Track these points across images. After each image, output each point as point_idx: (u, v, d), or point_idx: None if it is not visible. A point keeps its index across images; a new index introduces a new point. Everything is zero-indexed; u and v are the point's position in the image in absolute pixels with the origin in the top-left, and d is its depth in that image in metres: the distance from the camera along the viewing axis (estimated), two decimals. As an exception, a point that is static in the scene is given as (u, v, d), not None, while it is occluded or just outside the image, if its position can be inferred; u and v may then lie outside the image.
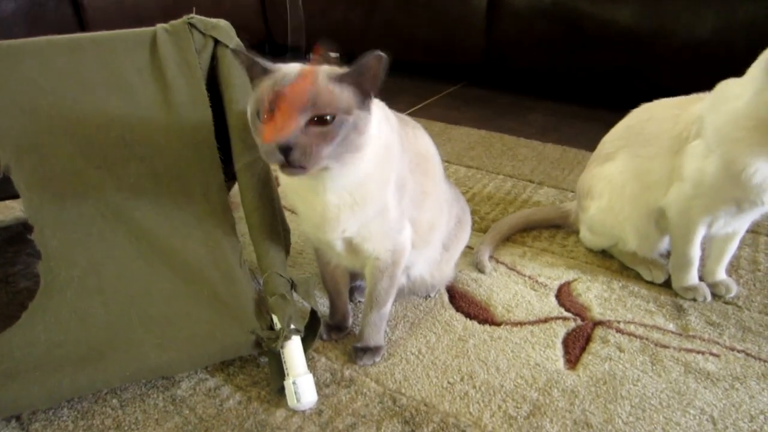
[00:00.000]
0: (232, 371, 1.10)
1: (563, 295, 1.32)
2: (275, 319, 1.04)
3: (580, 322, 1.24)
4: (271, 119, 0.84)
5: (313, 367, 1.10)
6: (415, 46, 2.83)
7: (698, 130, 1.19)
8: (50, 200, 1.06)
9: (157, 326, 1.03)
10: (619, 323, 1.23)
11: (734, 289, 1.31)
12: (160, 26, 1.14)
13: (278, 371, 1.03)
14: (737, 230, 1.30)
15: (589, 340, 1.18)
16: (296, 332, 1.03)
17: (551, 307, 1.28)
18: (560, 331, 1.21)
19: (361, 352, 1.13)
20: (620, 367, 1.11)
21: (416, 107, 2.66)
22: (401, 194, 1.04)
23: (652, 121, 1.32)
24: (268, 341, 1.02)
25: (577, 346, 1.16)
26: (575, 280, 1.38)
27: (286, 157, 0.83)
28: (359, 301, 1.31)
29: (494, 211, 1.71)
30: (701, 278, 1.34)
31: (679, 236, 1.29)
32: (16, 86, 1.06)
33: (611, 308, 1.28)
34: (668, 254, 1.38)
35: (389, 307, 1.15)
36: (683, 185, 1.22)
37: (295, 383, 1.00)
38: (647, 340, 1.18)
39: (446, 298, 1.32)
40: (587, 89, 2.63)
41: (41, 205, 1.05)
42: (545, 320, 1.24)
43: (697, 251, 1.29)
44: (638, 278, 1.39)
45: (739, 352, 1.15)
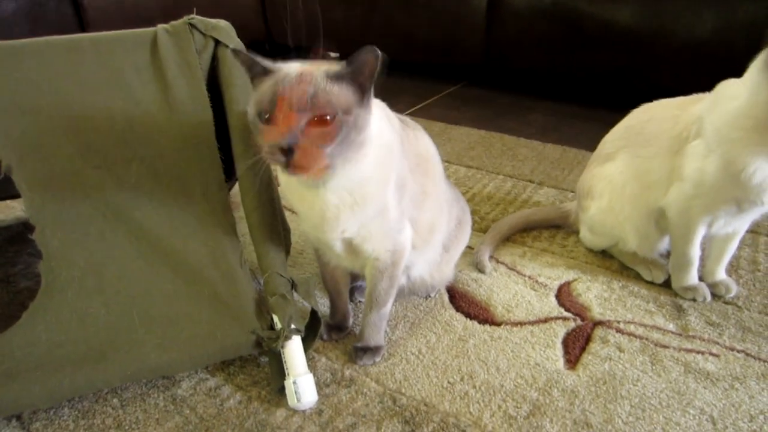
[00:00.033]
0: (232, 371, 1.11)
1: (563, 295, 1.33)
2: (276, 318, 1.05)
3: (580, 322, 1.24)
4: (272, 120, 0.85)
5: (313, 366, 1.11)
6: (415, 46, 2.83)
7: (698, 130, 1.19)
8: (51, 200, 1.06)
9: (157, 326, 1.03)
10: (619, 323, 1.23)
11: (734, 289, 1.31)
12: (160, 27, 1.14)
13: (279, 371, 1.03)
14: (737, 230, 1.30)
15: (589, 340, 1.19)
16: (297, 332, 1.03)
17: (551, 307, 1.29)
18: (560, 331, 1.21)
19: (361, 351, 1.13)
20: (620, 367, 1.11)
21: (416, 107, 2.66)
22: (401, 194, 1.04)
23: (652, 121, 1.32)
24: (268, 341, 1.02)
25: (577, 346, 1.17)
26: (575, 280, 1.38)
27: (287, 157, 0.83)
28: (360, 301, 1.31)
29: (494, 211, 1.71)
30: (701, 278, 1.34)
31: (679, 236, 1.30)
32: (16, 87, 1.06)
33: (611, 308, 1.28)
34: (668, 254, 1.38)
35: (389, 307, 1.15)
36: (683, 185, 1.22)
37: (295, 383, 1.00)
38: (647, 340, 1.18)
39: (446, 298, 1.32)
40: (587, 89, 2.63)
41: (42, 204, 1.05)
42: (545, 320, 1.24)
43: (697, 251, 1.29)
44: (638, 278, 1.39)
45: (738, 352, 1.15)
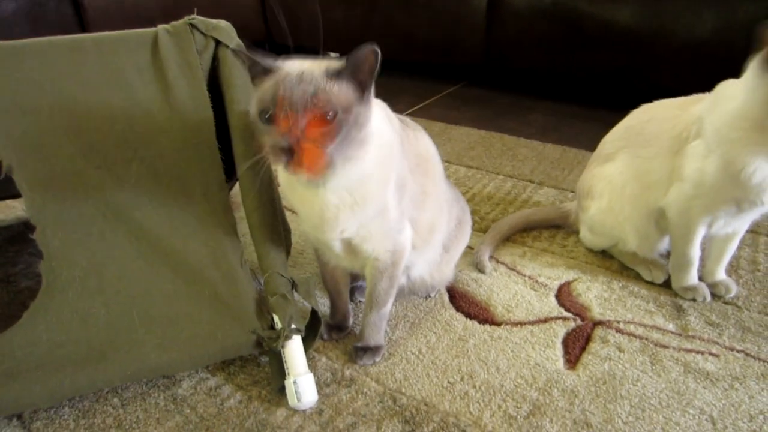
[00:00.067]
0: (232, 370, 1.11)
1: (563, 295, 1.33)
2: (276, 318, 1.05)
3: (580, 322, 1.24)
4: (273, 120, 0.85)
5: (313, 366, 1.11)
6: (415, 46, 2.83)
7: (698, 130, 1.19)
8: (52, 200, 1.06)
9: (158, 326, 1.03)
10: (618, 323, 1.23)
11: (734, 289, 1.31)
12: (161, 27, 1.14)
13: (279, 371, 1.03)
14: (737, 230, 1.30)
15: (588, 340, 1.19)
16: (297, 332, 1.03)
17: (551, 307, 1.29)
18: (560, 331, 1.21)
19: (361, 351, 1.13)
20: (620, 367, 1.11)
21: (416, 107, 2.66)
22: (401, 194, 1.04)
23: (652, 121, 1.32)
24: (269, 341, 1.02)
25: (577, 346, 1.17)
26: (575, 280, 1.38)
27: (289, 156, 0.84)
28: (360, 300, 1.31)
29: (494, 211, 1.71)
30: (701, 278, 1.34)
31: (679, 236, 1.30)
32: (17, 87, 1.06)
33: (611, 308, 1.28)
34: (668, 254, 1.38)
35: (389, 307, 1.16)
36: (683, 185, 1.22)
37: (295, 383, 1.00)
38: (647, 340, 1.18)
39: (446, 298, 1.32)
40: (587, 89, 2.63)
41: (43, 204, 1.05)
42: (545, 320, 1.24)
43: (696, 251, 1.29)
44: (638, 278, 1.39)
45: (738, 352, 1.15)
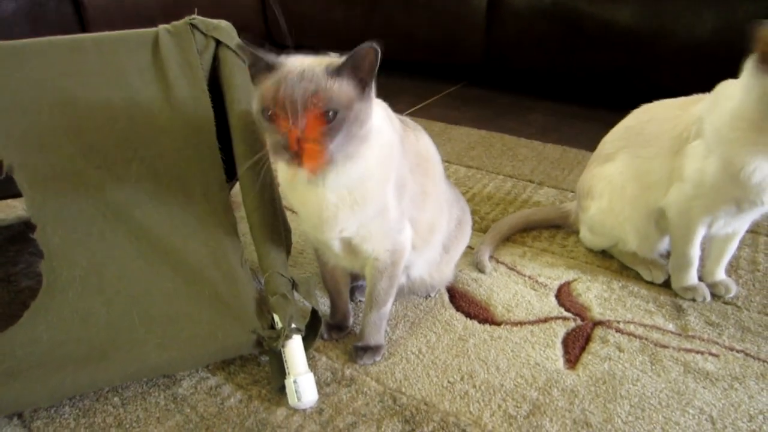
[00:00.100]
0: (233, 370, 1.11)
1: (563, 295, 1.33)
2: (276, 318, 1.05)
3: (579, 322, 1.24)
4: (275, 117, 0.85)
5: (313, 366, 1.11)
6: (415, 46, 2.83)
7: (698, 130, 1.20)
8: (52, 199, 1.06)
9: (158, 326, 1.03)
10: (618, 323, 1.23)
11: (733, 289, 1.31)
12: (162, 27, 1.14)
13: (279, 370, 1.03)
14: (737, 230, 1.30)
15: (588, 339, 1.19)
16: (297, 331, 1.03)
17: (551, 307, 1.29)
18: (560, 330, 1.21)
19: (361, 351, 1.13)
20: (620, 366, 1.11)
21: (416, 107, 2.66)
22: (401, 194, 1.04)
23: (652, 121, 1.32)
24: (269, 340, 1.03)
25: (576, 345, 1.17)
26: (575, 280, 1.38)
27: (291, 154, 0.84)
28: (360, 300, 1.31)
29: (494, 211, 1.72)
30: (701, 278, 1.34)
31: (679, 236, 1.30)
32: (18, 86, 1.06)
33: (611, 308, 1.28)
34: (668, 254, 1.38)
35: (389, 306, 1.16)
36: (683, 185, 1.22)
37: (296, 382, 1.00)
38: (647, 340, 1.18)
39: (446, 297, 1.32)
40: (587, 89, 2.63)
41: (43, 204, 1.06)
42: (545, 320, 1.24)
43: (696, 251, 1.29)
44: (638, 278, 1.39)
45: (738, 352, 1.15)
